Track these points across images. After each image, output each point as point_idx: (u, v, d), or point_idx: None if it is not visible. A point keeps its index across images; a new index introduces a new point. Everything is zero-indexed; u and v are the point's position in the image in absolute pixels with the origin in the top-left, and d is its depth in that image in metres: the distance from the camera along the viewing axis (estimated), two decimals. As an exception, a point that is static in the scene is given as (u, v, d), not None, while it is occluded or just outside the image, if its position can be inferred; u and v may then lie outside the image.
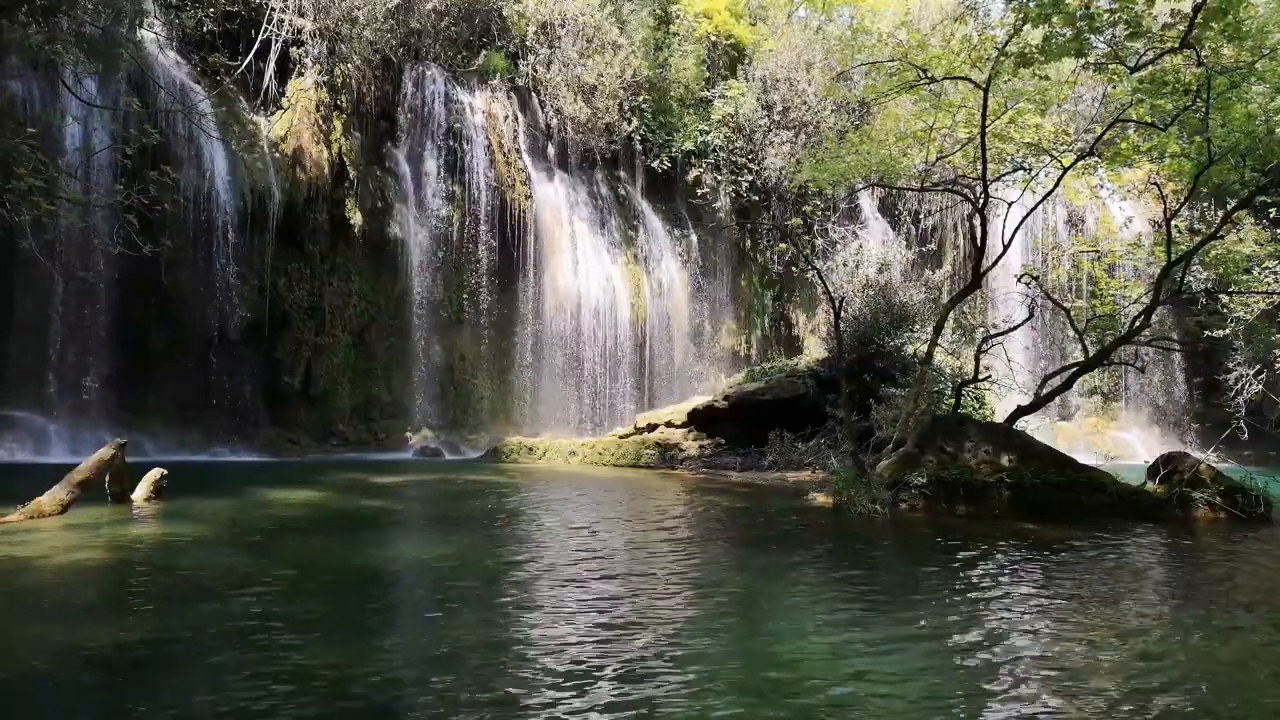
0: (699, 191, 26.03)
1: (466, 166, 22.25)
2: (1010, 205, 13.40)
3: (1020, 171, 13.76)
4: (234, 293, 18.22)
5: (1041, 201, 13.92)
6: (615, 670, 3.90)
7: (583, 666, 3.94)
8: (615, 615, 4.91)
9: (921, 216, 28.53)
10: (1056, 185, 13.34)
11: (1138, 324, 12.33)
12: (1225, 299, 18.00)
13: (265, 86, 19.75)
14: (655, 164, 25.42)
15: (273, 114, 19.90)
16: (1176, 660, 4.32)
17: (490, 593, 5.55)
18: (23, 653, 4.09)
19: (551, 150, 24.64)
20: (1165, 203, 13.77)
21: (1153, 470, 10.61)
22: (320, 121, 20.18)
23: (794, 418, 16.47)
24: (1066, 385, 13.46)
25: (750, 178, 26.02)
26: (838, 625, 4.81)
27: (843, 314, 13.54)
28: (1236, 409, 20.61)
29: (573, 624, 4.72)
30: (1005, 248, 13.14)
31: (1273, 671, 4.21)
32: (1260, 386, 20.43)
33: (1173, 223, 12.41)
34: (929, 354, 13.02)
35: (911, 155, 14.68)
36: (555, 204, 23.77)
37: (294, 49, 20.05)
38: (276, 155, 19.36)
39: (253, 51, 19.32)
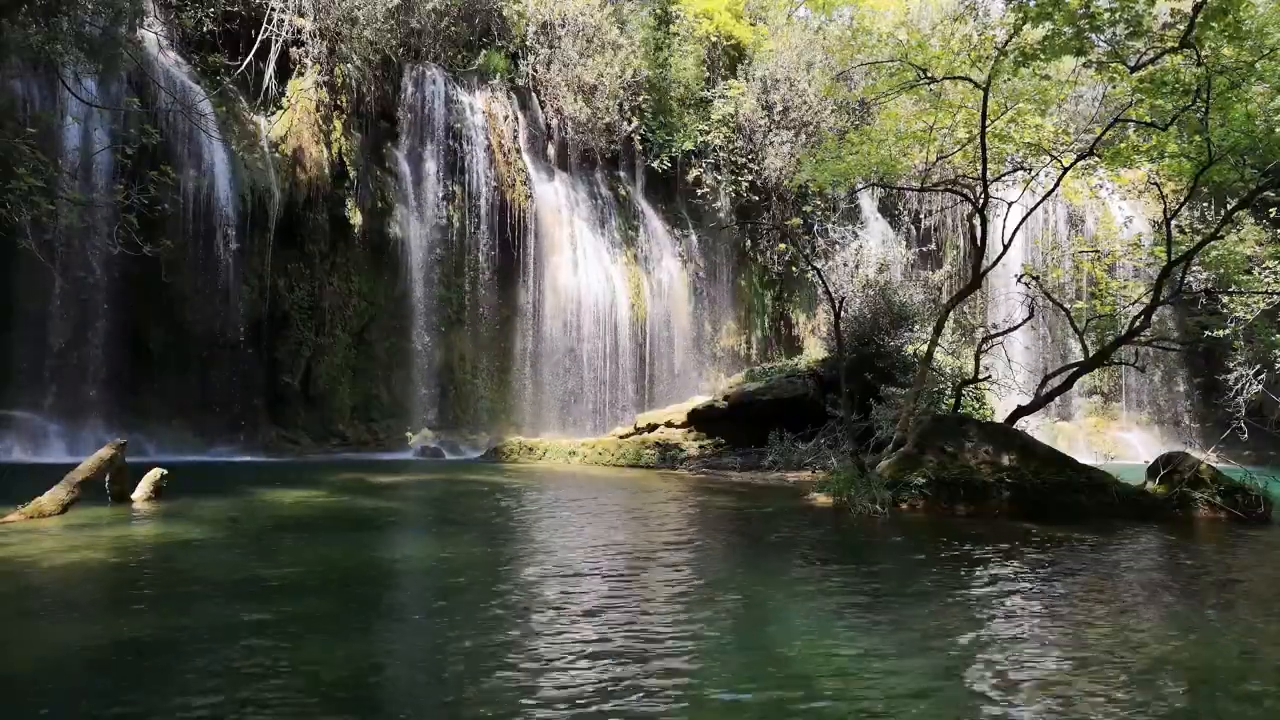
0: (699, 191, 26.03)
1: (466, 166, 22.25)
2: (1010, 205, 13.41)
3: (1020, 171, 13.76)
4: (234, 293, 18.21)
5: (1041, 201, 13.92)
6: (614, 670, 3.90)
7: (579, 666, 3.94)
8: (615, 615, 4.91)
9: (921, 216, 28.55)
10: (1056, 185, 13.35)
11: (1138, 324, 12.34)
12: (1225, 299, 18.00)
13: (265, 86, 19.75)
14: (655, 164, 25.42)
15: (273, 114, 19.91)
16: (1175, 661, 4.32)
17: (490, 593, 5.55)
18: (23, 653, 4.09)
19: (551, 150, 24.64)
20: (1165, 203, 13.78)
21: (1153, 470, 10.59)
22: (320, 121, 20.19)
23: (794, 418, 16.47)
24: (1066, 385, 13.46)
25: (750, 178, 26.02)
26: (837, 626, 4.81)
27: (843, 314, 13.54)
28: (1236, 409, 20.58)
29: (572, 624, 4.72)
30: (1005, 248, 13.15)
31: (1272, 672, 4.20)
32: (1260, 386, 20.42)
33: (1173, 223, 12.41)
34: (929, 354, 13.02)
35: (911, 155, 14.68)
36: (555, 204, 23.78)
37: (294, 49, 20.05)
38: (276, 155, 19.36)
39: (253, 51, 19.32)
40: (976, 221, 13.25)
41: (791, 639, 4.52)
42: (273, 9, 19.48)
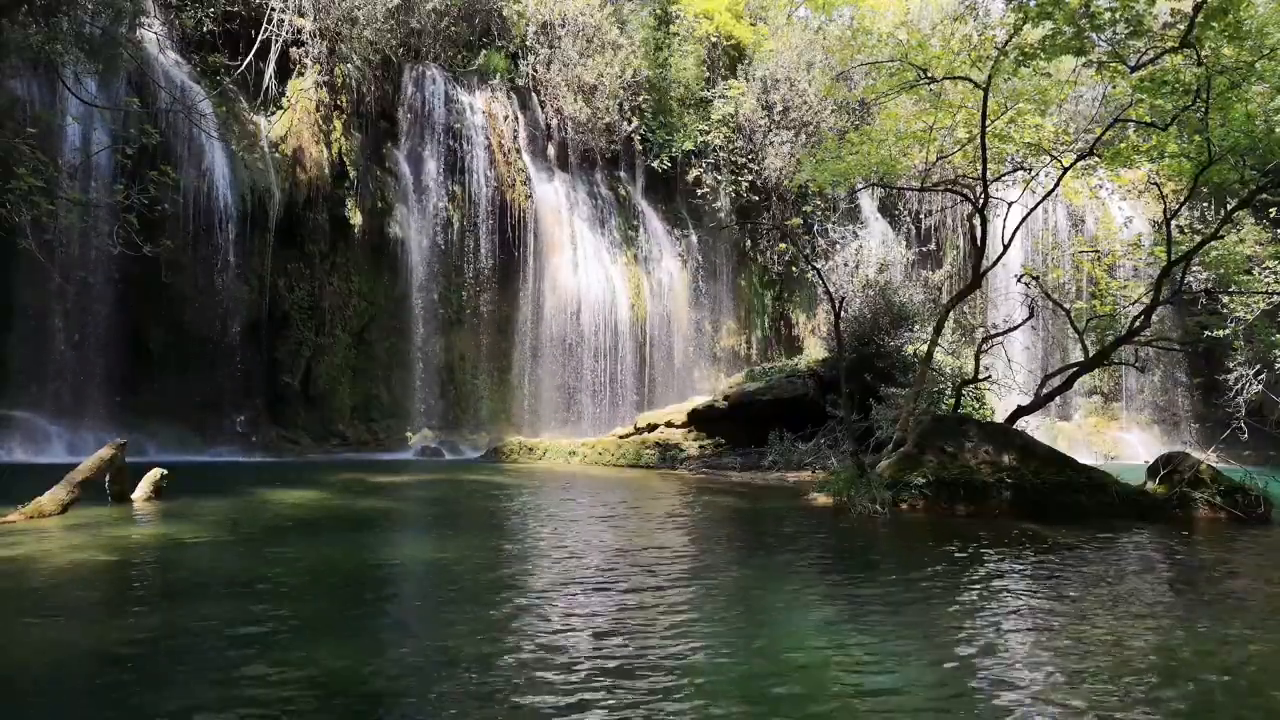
0: (699, 191, 26.02)
1: (466, 166, 22.25)
2: (1010, 205, 13.41)
3: (1020, 171, 13.77)
4: (234, 293, 18.21)
5: (1041, 201, 13.92)
6: (613, 671, 3.89)
7: (580, 668, 3.94)
8: (614, 616, 4.91)
9: (921, 216, 28.56)
10: (1056, 185, 13.35)
11: (1138, 324, 12.34)
12: (1225, 299, 18.00)
13: (265, 86, 19.75)
14: (655, 164, 25.41)
15: (273, 114, 19.91)
16: (1174, 663, 4.32)
17: (490, 593, 5.55)
18: (23, 653, 4.09)
19: (551, 150, 24.64)
20: (1165, 203, 13.79)
21: (1153, 470, 10.59)
22: (320, 121, 20.19)
23: (794, 418, 16.47)
24: (1066, 385, 13.46)
25: (750, 178, 26.02)
26: (837, 626, 4.81)
27: (843, 314, 13.54)
28: (1236, 409, 20.59)
29: (571, 625, 4.72)
30: (1005, 248, 13.15)
31: (1271, 673, 4.20)
32: (1260, 386, 20.43)
33: (1173, 223, 12.41)
34: (929, 354, 13.02)
35: (911, 155, 14.68)
36: (555, 204, 23.78)
37: (294, 49, 20.05)
38: (276, 155, 19.36)
39: (253, 51, 19.32)
40: (976, 221, 13.25)
41: (792, 639, 4.51)
42: (273, 9, 19.47)
